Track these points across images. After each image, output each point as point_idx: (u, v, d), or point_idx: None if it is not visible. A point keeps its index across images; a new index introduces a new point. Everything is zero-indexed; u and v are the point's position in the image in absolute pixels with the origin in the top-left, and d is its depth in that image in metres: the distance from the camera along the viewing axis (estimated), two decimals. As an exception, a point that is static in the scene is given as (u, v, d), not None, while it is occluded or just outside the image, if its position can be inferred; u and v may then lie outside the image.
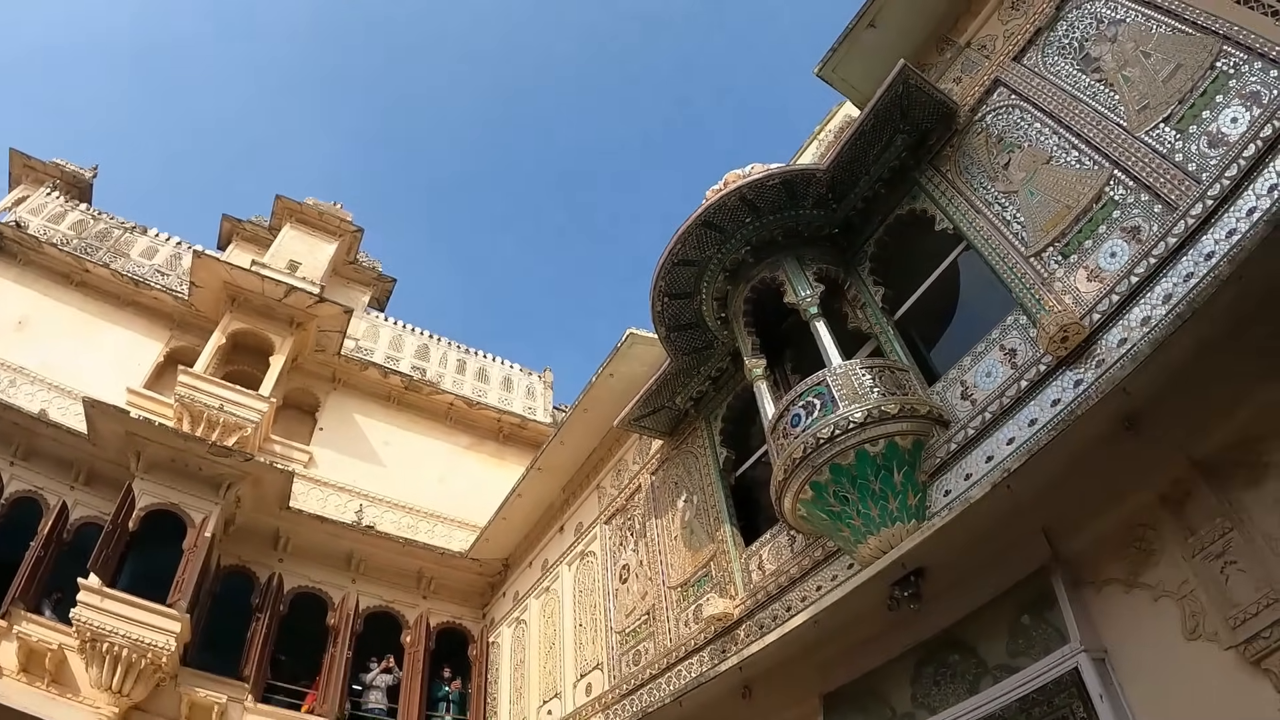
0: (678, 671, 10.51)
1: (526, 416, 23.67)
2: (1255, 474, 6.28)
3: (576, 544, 14.86)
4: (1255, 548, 6.11)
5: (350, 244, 24.40)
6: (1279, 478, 6.15)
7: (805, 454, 7.96)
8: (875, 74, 9.56)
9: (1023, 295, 7.66)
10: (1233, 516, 6.30)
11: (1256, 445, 6.32)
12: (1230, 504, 6.36)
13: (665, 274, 10.20)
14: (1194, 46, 7.18)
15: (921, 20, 10.09)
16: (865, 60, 10.09)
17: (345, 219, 24.06)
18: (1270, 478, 6.19)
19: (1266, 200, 5.94)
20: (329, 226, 23.65)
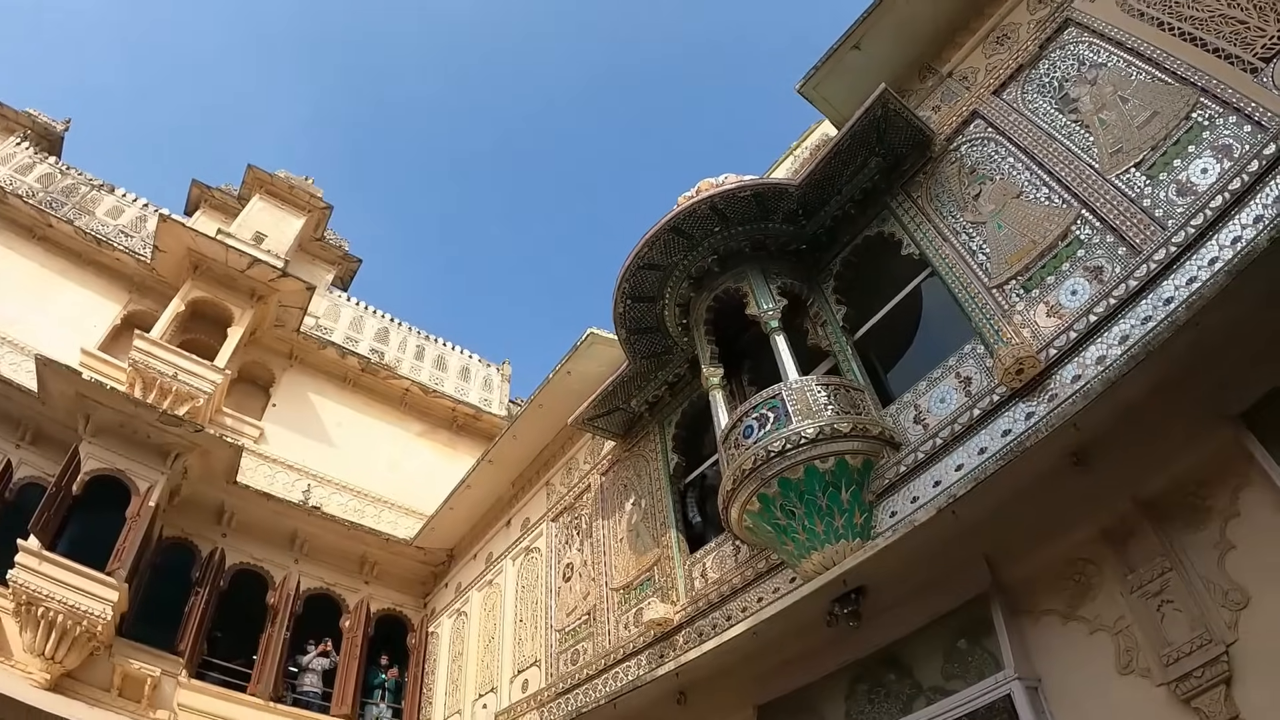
0: (615, 674, 10.51)
1: (482, 408, 23.57)
2: (1198, 517, 6.49)
3: (522, 539, 14.79)
4: (1192, 589, 6.29)
5: (319, 220, 24.10)
6: (1220, 522, 6.35)
7: (755, 466, 8.02)
8: (856, 95, 9.68)
9: (982, 325, 7.80)
10: (1173, 557, 6.49)
11: (1201, 489, 6.53)
12: (1171, 545, 6.56)
13: (630, 277, 10.21)
14: (1172, 96, 7.36)
15: (906, 47, 10.19)
16: (847, 81, 10.17)
17: (315, 194, 23.74)
18: (1212, 522, 6.40)
19: (1229, 251, 6.13)
20: (298, 201, 23.33)
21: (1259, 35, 7.01)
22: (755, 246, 9.98)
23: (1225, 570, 6.22)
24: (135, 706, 13.12)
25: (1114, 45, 8.13)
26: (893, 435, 8.05)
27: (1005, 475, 6.82)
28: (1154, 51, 7.70)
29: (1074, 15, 8.65)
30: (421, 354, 24.25)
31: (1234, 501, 6.34)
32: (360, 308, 24.40)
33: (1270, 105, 6.57)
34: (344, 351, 21.94)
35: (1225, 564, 6.25)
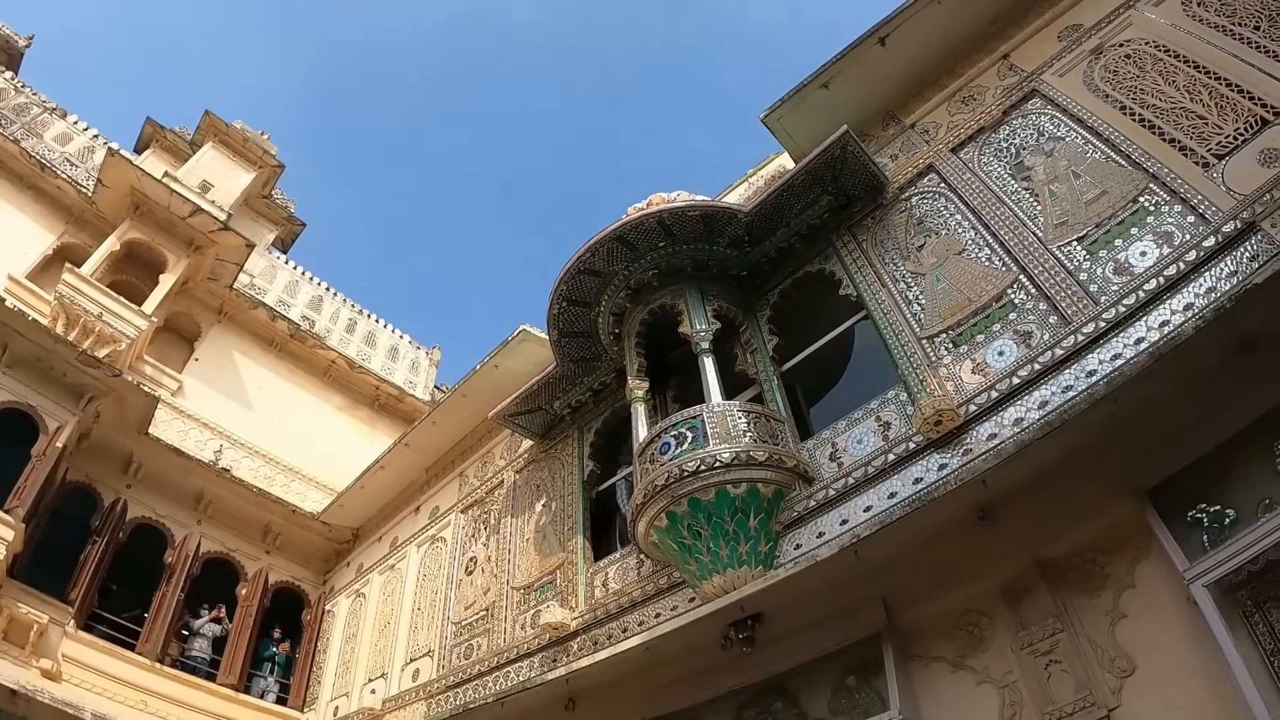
0: (506, 673, 10.45)
1: (406, 390, 23.30)
2: (1094, 583, 6.80)
3: (430, 527, 14.66)
4: (1081, 653, 6.55)
5: (268, 178, 23.53)
6: (1116, 591, 6.65)
7: (667, 483, 8.07)
8: (817, 133, 9.83)
9: (908, 373, 7.98)
10: (1065, 619, 6.76)
11: (1100, 557, 6.84)
12: (1065, 607, 6.83)
13: (569, 279, 10.19)
14: (1123, 178, 7.66)
15: (873, 92, 10.39)
16: (811, 117, 10.30)
17: (269, 151, 23.20)
18: (1107, 589, 6.69)
19: (1156, 334, 6.39)
20: (250, 155, 22.75)
21: (1215, 132, 7.34)
22: (697, 266, 10.04)
23: (1115, 638, 6.48)
24: (19, 653, 12.62)
25: (1075, 121, 8.43)
26: (807, 469, 8.14)
27: (911, 522, 7.00)
28: (1112, 133, 8.01)
29: (1040, 87, 8.97)
30: (353, 327, 23.92)
31: (1131, 572, 6.63)
32: (297, 272, 23.97)
33: (1216, 200, 6.86)
34: (275, 314, 21.49)
35: (1115, 632, 6.51)
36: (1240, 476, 6.36)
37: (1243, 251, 6.40)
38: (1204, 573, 6.06)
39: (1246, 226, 6.49)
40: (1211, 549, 6.18)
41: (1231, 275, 6.34)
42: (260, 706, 15.03)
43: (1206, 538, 6.28)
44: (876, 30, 9.88)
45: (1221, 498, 6.36)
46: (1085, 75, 8.72)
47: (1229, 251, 6.49)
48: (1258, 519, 6.07)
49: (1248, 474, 6.32)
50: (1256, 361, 6.36)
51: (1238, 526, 6.18)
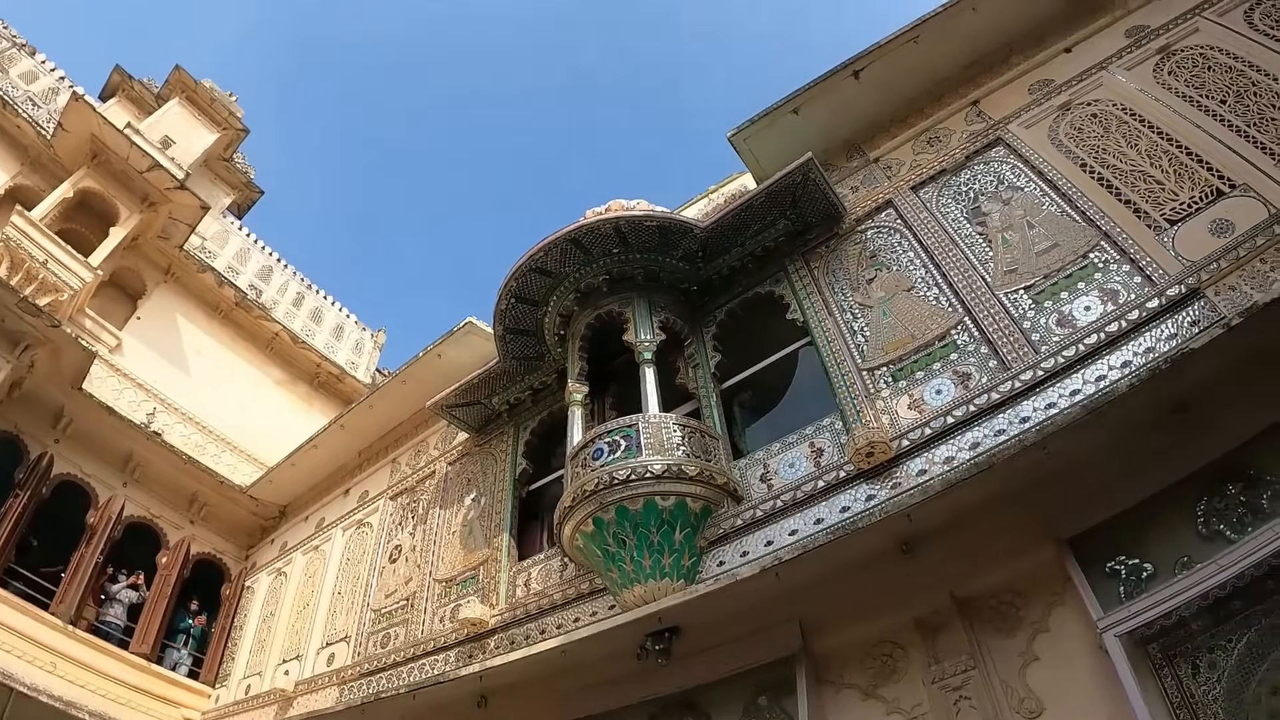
0: (421, 665, 10.35)
1: (346, 370, 23.12)
2: (1009, 624, 6.95)
3: (357, 511, 14.50)
4: (991, 691, 6.68)
5: (231, 141, 23.04)
6: (1030, 634, 6.79)
7: (597, 489, 8.05)
8: (781, 157, 9.92)
9: (845, 403, 8.08)
10: (978, 657, 6.89)
11: (1017, 599, 6.99)
12: (979, 645, 6.97)
13: (520, 276, 10.15)
14: (1075, 233, 7.85)
15: (842, 123, 10.51)
16: (777, 141, 10.37)
17: (235, 114, 22.74)
18: (1022, 632, 6.84)
19: (1092, 387, 6.54)
20: (216, 115, 22.29)
21: (1171, 198, 7.57)
22: (648, 276, 10.06)
23: (1025, 679, 6.61)
24: (-72, 603, 12.46)
25: (1035, 173, 8.64)
26: (737, 488, 8.19)
27: (834, 549, 7.06)
28: (1070, 188, 8.23)
29: (1005, 136, 9.17)
30: (300, 302, 23.65)
31: (1046, 617, 6.78)
32: (250, 240, 23.62)
33: (1164, 264, 7.06)
34: (223, 280, 21.18)
35: (1026, 674, 6.64)
36: (1161, 533, 6.54)
37: (1184, 316, 6.57)
38: (1117, 623, 6.21)
39: (1191, 292, 6.66)
40: (1127, 601, 6.35)
41: (1171, 338, 6.50)
42: (171, 679, 14.67)
43: (1123, 589, 6.45)
44: (852, 63, 10.01)
45: (1141, 552, 6.54)
46: (1051, 129, 8.94)
47: (1171, 315, 6.66)
48: (1175, 575, 6.24)
49: (1169, 532, 6.51)
50: (1186, 423, 6.54)
51: (1154, 581, 6.35)
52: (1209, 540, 6.32)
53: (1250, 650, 5.75)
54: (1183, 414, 6.56)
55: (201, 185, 21.39)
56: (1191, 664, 5.94)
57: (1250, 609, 5.90)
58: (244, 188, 24.33)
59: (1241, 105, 7.96)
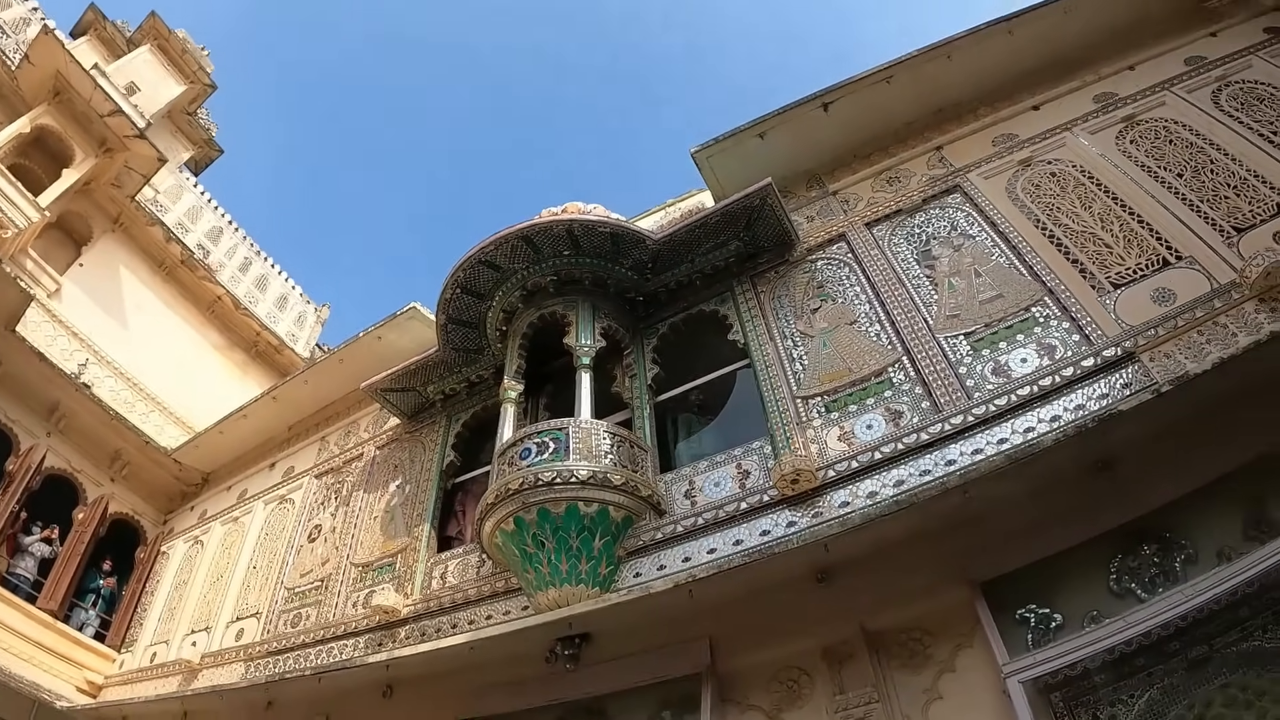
0: (330, 648, 10.22)
1: (286, 342, 22.76)
2: (916, 661, 7.04)
3: (281, 486, 14.27)
4: None
5: (197, 95, 22.48)
6: (936, 672, 6.90)
7: (521, 488, 8.01)
8: (742, 178, 9.99)
9: (776, 428, 8.15)
10: (882, 690, 6.95)
11: (925, 636, 7.09)
12: (884, 679, 7.03)
13: (468, 268, 10.09)
14: (1020, 286, 8.04)
15: (805, 152, 10.62)
16: (740, 162, 10.43)
17: (205, 69, 22.21)
18: (928, 668, 6.94)
19: (1019, 438, 6.73)
20: (186, 68, 21.73)
21: (1118, 263, 7.79)
22: (595, 282, 10.06)
23: (928, 716, 6.71)
24: None
25: (988, 223, 8.84)
26: (660, 501, 8.21)
27: (750, 571, 7.09)
28: (1021, 242, 8.43)
29: (964, 184, 9.37)
30: (247, 267, 23.21)
31: (953, 657, 6.89)
32: (204, 198, 23.11)
33: (1103, 325, 7.26)
34: (171, 236, 20.68)
35: (929, 711, 6.74)
36: (1073, 586, 6.70)
37: (1117, 378, 6.78)
38: (1022, 669, 6.31)
39: (1126, 355, 6.87)
40: (1034, 648, 6.47)
41: (1102, 398, 6.70)
42: (76, 639, 14.19)
43: (1031, 637, 6.57)
44: (823, 95, 10.12)
45: (1051, 602, 6.67)
46: (1009, 183, 9.14)
47: (1105, 375, 6.86)
48: (1083, 628, 6.39)
49: (1081, 585, 6.67)
50: (1109, 482, 6.70)
51: (1062, 632, 6.49)
52: (1120, 597, 6.49)
53: (1151, 707, 5.88)
54: (1106, 472, 6.72)
55: (161, 137, 20.91)
56: (1092, 715, 6.05)
57: (1154, 667, 6.05)
58: (204, 144, 23.76)
59: (1198, 180, 8.21)
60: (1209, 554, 6.42)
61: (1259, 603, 6.07)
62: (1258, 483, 6.54)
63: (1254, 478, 6.55)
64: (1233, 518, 6.50)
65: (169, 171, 21.22)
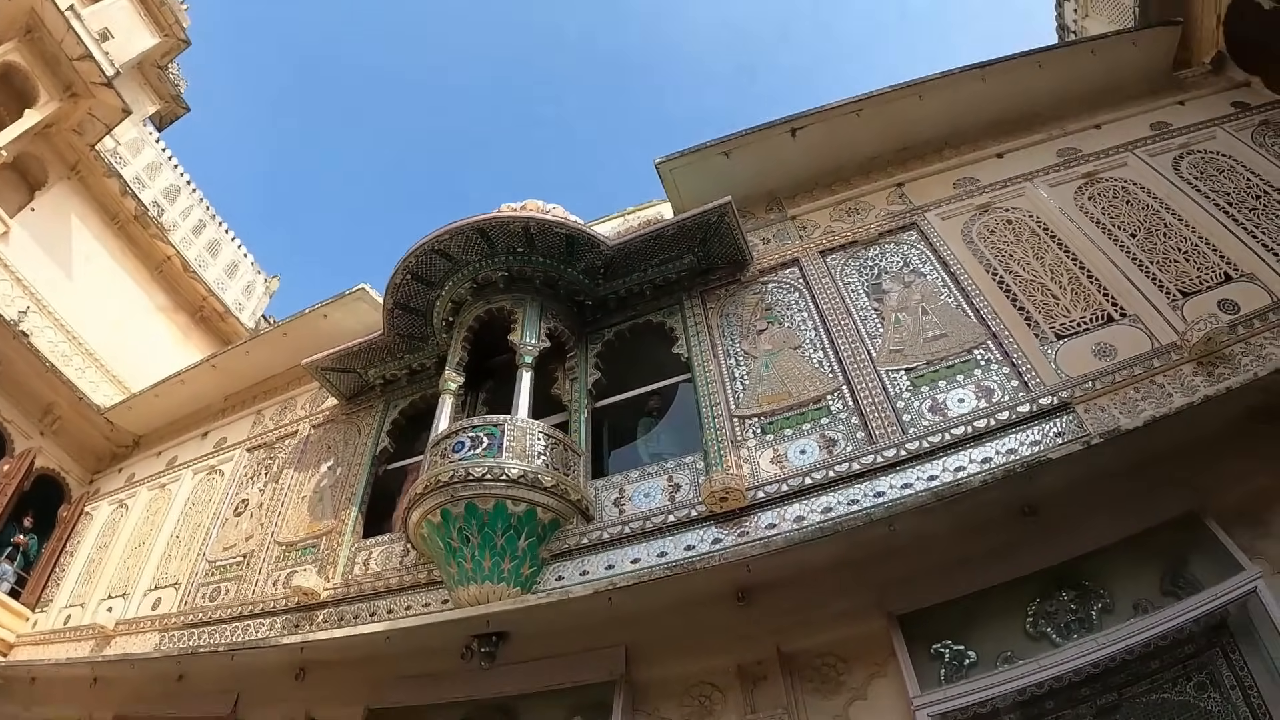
0: (246, 626, 10.05)
1: (231, 310, 22.28)
2: (829, 686, 7.15)
3: (211, 457, 13.98)
4: None
5: (170, 49, 21.84)
6: (848, 699, 7.03)
7: (450, 481, 7.93)
8: (703, 194, 10.04)
9: (711, 444, 8.18)
10: (793, 713, 7.06)
11: (840, 663, 7.20)
12: (796, 702, 7.13)
13: (421, 255, 10.00)
14: (966, 328, 8.21)
15: (768, 175, 10.73)
16: (703, 178, 10.49)
17: (181, 23, 21.59)
18: (840, 695, 7.07)
19: (949, 476, 6.83)
20: (163, 20, 21.03)
21: (1063, 314, 8.01)
22: (546, 282, 10.02)
23: None
24: None
25: (940, 264, 9.00)
26: (589, 507, 8.18)
27: (671, 584, 7.15)
28: (970, 285, 8.60)
29: (921, 223, 9.54)
30: (200, 230, 22.66)
31: (866, 685, 7.02)
32: (164, 155, 22.53)
33: (1043, 373, 7.45)
34: (127, 190, 20.05)
35: None
36: (989, 625, 6.87)
37: (1051, 426, 6.93)
38: (932, 703, 6.45)
39: (1062, 405, 7.04)
40: (946, 683, 6.62)
41: (1034, 444, 6.83)
42: (-11, 594, 14.06)
43: (944, 672, 6.72)
44: (792, 120, 10.24)
45: (967, 639, 6.83)
46: (965, 225, 9.33)
47: (1039, 422, 7.01)
48: (995, 668, 6.56)
49: (997, 625, 6.85)
50: (1033, 526, 6.92)
51: (976, 669, 6.65)
52: (1035, 640, 6.68)
53: (1057, 749, 6.00)
54: (1032, 517, 6.95)
55: (129, 88, 20.40)
56: (999, 753, 6.16)
57: (1063, 711, 6.28)
58: (171, 100, 23.16)
59: (1150, 242, 8.44)
60: (1126, 605, 6.63)
61: (1170, 657, 6.32)
62: (1180, 540, 6.81)
63: (1177, 535, 6.82)
64: (1152, 572, 6.75)
65: (132, 124, 20.73)
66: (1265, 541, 6.68)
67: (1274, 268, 7.89)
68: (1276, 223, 8.41)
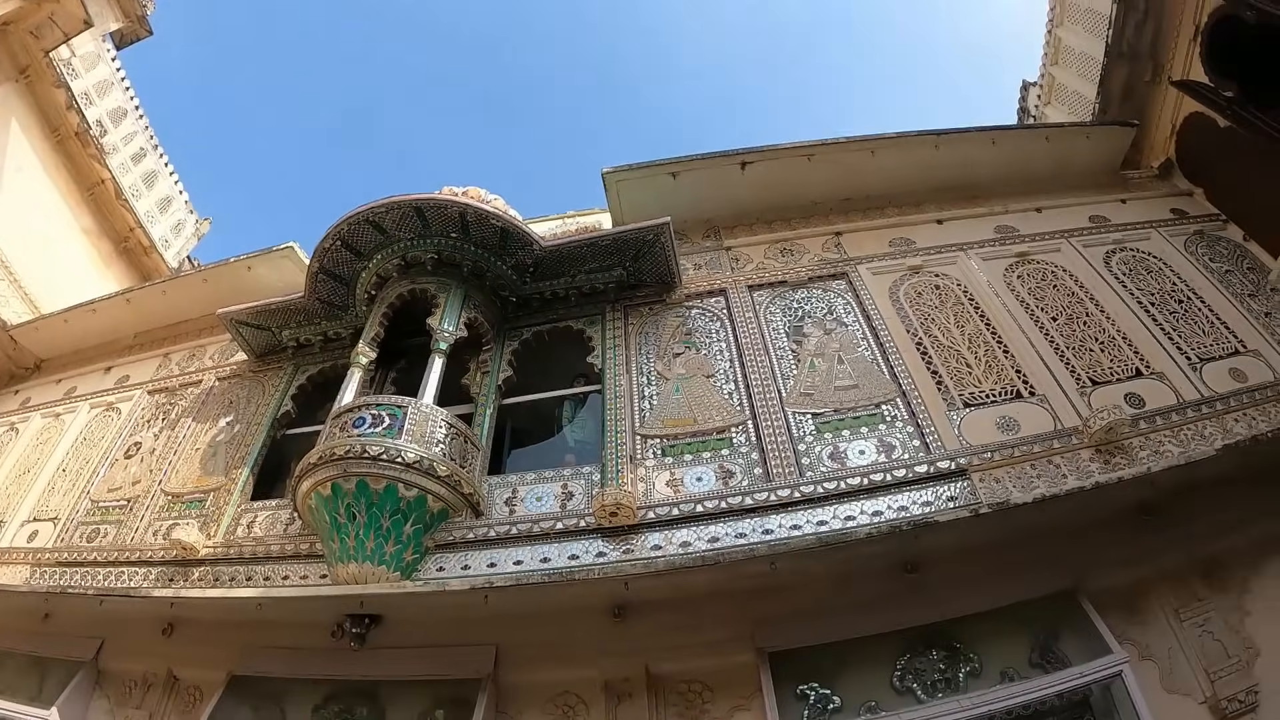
0: (120, 573, 9.78)
1: (157, 246, 21.54)
2: (693, 712, 7.27)
3: (111, 393, 13.55)
4: None
5: None
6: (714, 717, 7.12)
7: (345, 455, 7.82)
8: (644, 211, 10.25)
9: (609, 458, 8.21)
10: None
11: (706, 691, 7.32)
12: None
13: (354, 223, 9.84)
14: (878, 382, 8.41)
15: (711, 202, 10.91)
16: (647, 194, 10.64)
17: None
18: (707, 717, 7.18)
19: (838, 522, 6.98)
20: None
21: (974, 384, 8.27)
22: (474, 271, 9.95)
23: None
24: None
25: (864, 317, 9.23)
26: (480, 502, 8.11)
27: (549, 590, 7.16)
28: (889, 342, 8.83)
29: (852, 274, 9.78)
30: (140, 158, 21.92)
31: (729, 716, 7.15)
32: (118, 75, 21.69)
33: (945, 438, 7.68)
34: (73, 104, 19.26)
35: None
36: (858, 674, 6.99)
37: (944, 490, 7.14)
38: None
39: (958, 471, 7.27)
40: None
41: (925, 504, 7.03)
42: None
43: (807, 713, 6.82)
44: (744, 154, 10.44)
45: (834, 685, 6.95)
46: (894, 284, 9.58)
47: (933, 484, 7.22)
48: (858, 716, 6.70)
49: (866, 674, 6.98)
50: (912, 583, 7.09)
51: (839, 716, 6.77)
52: (900, 694, 6.80)
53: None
54: (912, 573, 7.12)
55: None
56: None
57: None
58: (136, 20, 22.20)
59: (1069, 327, 8.73)
60: (993, 671, 6.80)
61: (1031, 727, 6.44)
62: (1054, 616, 7.04)
63: (1052, 610, 7.07)
64: (1023, 642, 6.94)
65: (91, 37, 19.98)
66: (1136, 629, 7.02)
67: (1184, 371, 8.23)
68: (1194, 329, 8.77)
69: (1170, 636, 6.98)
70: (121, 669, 9.62)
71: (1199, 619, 7.04)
